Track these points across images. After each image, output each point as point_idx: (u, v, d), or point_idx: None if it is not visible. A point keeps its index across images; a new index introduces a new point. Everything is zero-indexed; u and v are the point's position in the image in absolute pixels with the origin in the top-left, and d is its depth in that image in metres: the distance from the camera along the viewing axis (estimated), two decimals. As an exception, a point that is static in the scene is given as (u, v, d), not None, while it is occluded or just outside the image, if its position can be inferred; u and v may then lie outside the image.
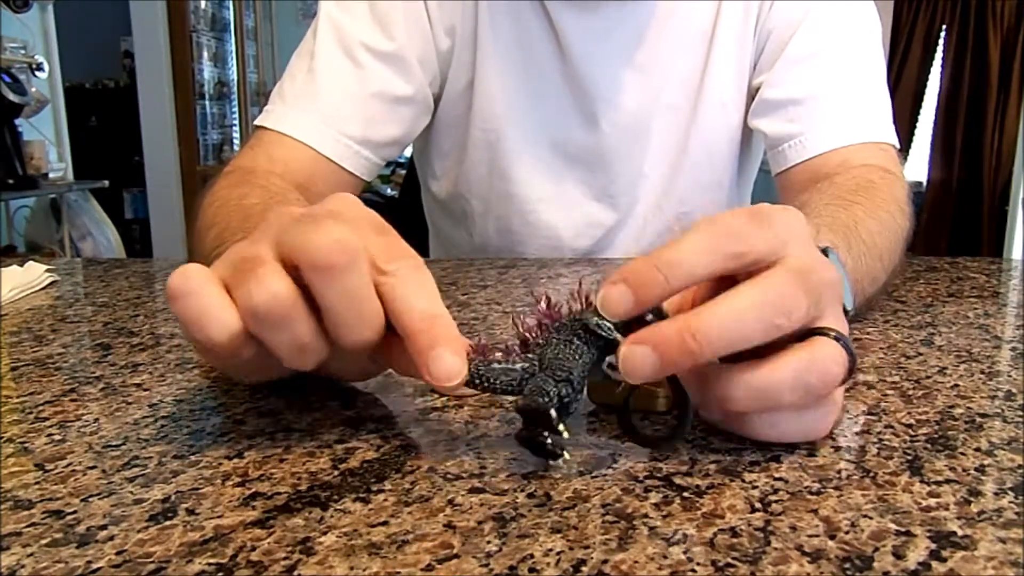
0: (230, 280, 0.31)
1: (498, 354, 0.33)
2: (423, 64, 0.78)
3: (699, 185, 0.86)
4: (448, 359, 0.31)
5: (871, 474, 0.32)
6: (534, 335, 0.33)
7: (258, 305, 0.30)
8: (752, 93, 0.81)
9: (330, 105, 0.73)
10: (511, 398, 0.33)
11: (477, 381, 0.32)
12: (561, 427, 0.31)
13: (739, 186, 0.91)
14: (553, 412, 0.31)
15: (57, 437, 0.36)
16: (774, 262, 0.31)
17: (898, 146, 0.75)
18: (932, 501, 0.29)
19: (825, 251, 0.40)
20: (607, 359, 0.33)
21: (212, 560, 0.26)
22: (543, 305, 0.33)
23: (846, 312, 0.38)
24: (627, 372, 0.30)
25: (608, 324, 0.31)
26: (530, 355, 0.32)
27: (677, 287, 0.31)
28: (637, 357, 0.30)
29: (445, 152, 0.88)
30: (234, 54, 4.67)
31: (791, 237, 0.32)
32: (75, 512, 0.29)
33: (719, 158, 0.85)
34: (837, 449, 0.34)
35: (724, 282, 0.32)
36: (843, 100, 0.76)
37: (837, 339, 0.32)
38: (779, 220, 0.33)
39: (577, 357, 0.32)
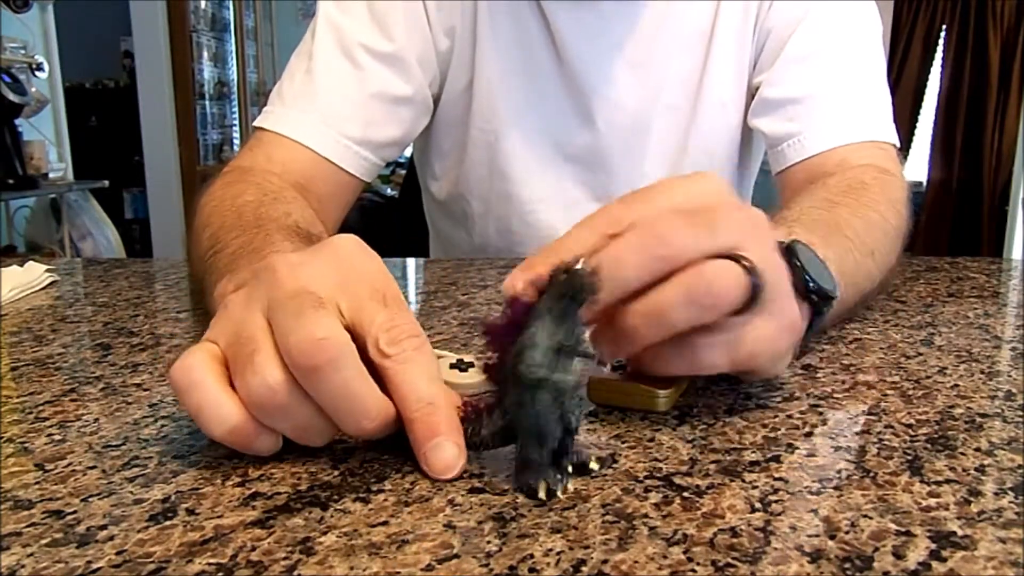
0: (232, 363, 0.32)
1: (485, 402, 0.32)
2: (422, 65, 0.78)
3: None
4: (444, 451, 0.31)
5: (871, 474, 0.32)
6: (499, 351, 0.31)
7: (257, 397, 0.31)
8: (752, 92, 0.81)
9: (329, 106, 0.73)
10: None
11: (474, 447, 0.33)
12: (560, 478, 0.30)
13: (739, 186, 0.91)
14: (543, 490, 0.30)
15: (57, 437, 0.36)
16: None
17: (898, 145, 0.75)
18: (932, 501, 0.29)
19: (791, 244, 0.41)
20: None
21: (212, 560, 0.26)
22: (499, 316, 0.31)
23: (829, 298, 0.40)
24: (507, 288, 0.32)
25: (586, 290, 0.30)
26: (507, 400, 0.31)
27: (607, 301, 0.33)
28: (516, 280, 0.32)
29: (445, 152, 0.88)
30: (234, 54, 4.67)
31: (737, 232, 0.34)
32: (75, 512, 0.29)
33: (719, 158, 0.85)
34: (837, 449, 0.34)
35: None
36: (843, 99, 0.75)
37: (740, 261, 0.33)
38: (725, 225, 0.34)
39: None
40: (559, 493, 0.30)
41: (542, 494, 0.30)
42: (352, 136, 0.73)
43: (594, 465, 0.32)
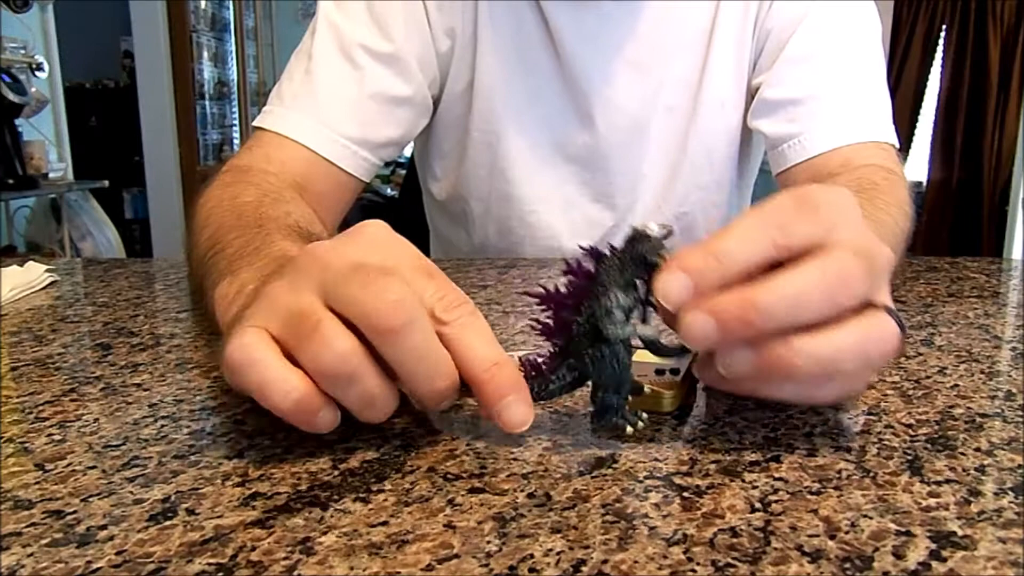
0: (290, 340, 0.31)
1: (540, 359, 0.36)
2: (422, 65, 0.78)
3: (698, 186, 0.85)
4: (517, 408, 0.33)
5: (871, 474, 0.32)
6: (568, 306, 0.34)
7: (327, 366, 0.31)
8: (752, 93, 0.81)
9: (328, 106, 0.73)
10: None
11: (542, 400, 0.35)
12: (623, 415, 0.34)
13: (739, 187, 0.91)
14: (629, 428, 0.34)
15: (57, 437, 0.36)
16: (823, 246, 0.32)
17: (898, 146, 0.75)
18: (932, 501, 0.29)
19: None
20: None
21: (212, 560, 0.26)
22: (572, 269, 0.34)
23: None
24: (687, 338, 0.31)
25: (658, 253, 0.33)
26: (576, 355, 0.35)
27: (732, 274, 0.31)
28: (698, 324, 0.31)
29: (445, 153, 0.88)
30: (234, 54, 4.67)
31: (838, 221, 0.33)
32: (75, 512, 0.29)
33: (718, 158, 0.85)
34: (837, 449, 0.34)
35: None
36: (843, 99, 0.75)
37: (889, 312, 0.33)
38: (825, 206, 0.33)
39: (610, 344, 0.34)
40: (641, 427, 0.34)
41: (630, 430, 0.34)
42: (351, 136, 0.73)
43: (641, 424, 0.35)
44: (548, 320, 0.35)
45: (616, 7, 0.78)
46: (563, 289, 0.34)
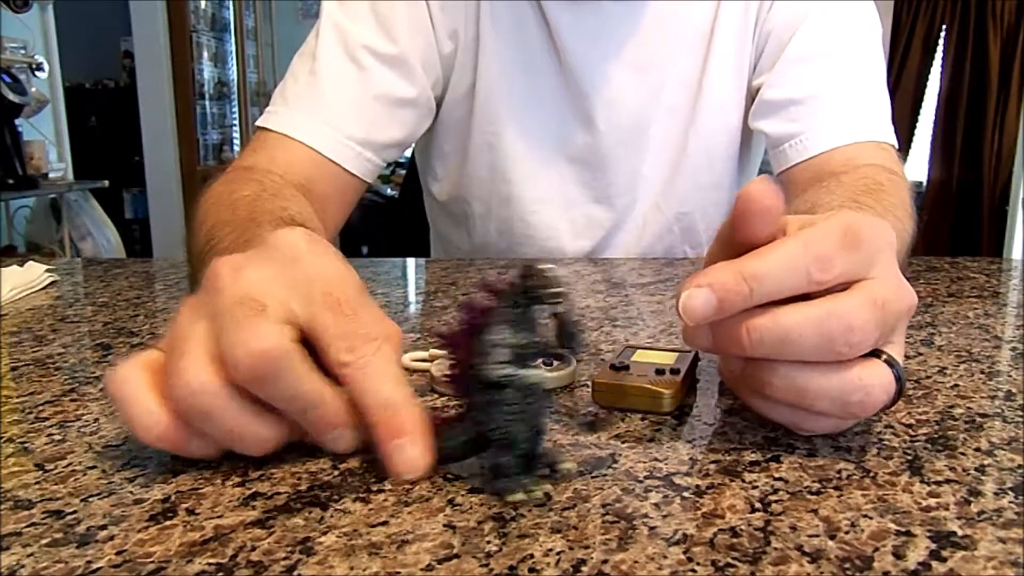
0: (165, 368, 0.31)
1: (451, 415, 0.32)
2: (426, 67, 0.78)
3: (699, 186, 0.86)
4: (407, 450, 0.31)
5: (871, 474, 0.32)
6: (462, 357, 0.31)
7: (179, 401, 0.30)
8: (752, 95, 0.81)
9: (332, 107, 0.73)
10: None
11: (446, 462, 0.32)
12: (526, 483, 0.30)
13: (739, 186, 0.91)
14: (518, 496, 0.30)
15: (57, 437, 0.36)
16: (852, 283, 0.32)
17: (897, 146, 0.76)
18: (932, 501, 0.29)
19: None
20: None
21: (212, 560, 0.26)
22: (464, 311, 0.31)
23: None
24: (686, 311, 0.31)
25: (551, 291, 0.29)
26: (473, 406, 0.31)
27: (759, 301, 0.31)
28: (700, 299, 0.31)
29: (446, 154, 0.88)
30: (234, 54, 4.67)
31: (878, 259, 0.32)
32: (75, 512, 0.29)
33: (719, 159, 0.85)
34: (837, 449, 0.34)
35: None
36: (845, 99, 0.76)
37: (890, 364, 0.32)
38: (868, 241, 0.32)
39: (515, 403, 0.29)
40: (539, 495, 0.29)
41: (518, 497, 0.29)
42: (355, 137, 0.73)
43: (568, 466, 0.31)
44: (453, 366, 0.31)
45: (617, 7, 0.78)
46: (460, 329, 0.30)
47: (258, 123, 0.75)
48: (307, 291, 0.32)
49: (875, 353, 0.32)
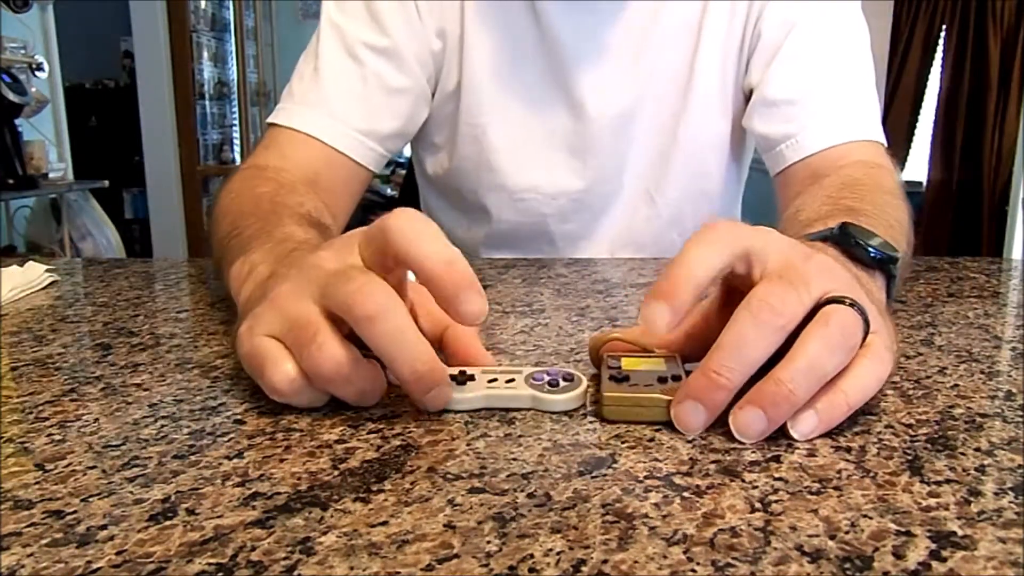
0: (292, 345, 0.36)
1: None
2: (419, 60, 0.81)
3: (689, 175, 0.88)
4: (477, 301, 0.35)
5: (871, 474, 0.32)
6: None
7: (325, 372, 0.35)
8: (746, 96, 0.83)
9: (336, 101, 0.78)
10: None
11: None
12: None
13: (735, 180, 0.93)
14: None
15: (57, 437, 0.36)
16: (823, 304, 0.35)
17: (887, 145, 0.78)
18: (932, 501, 0.29)
19: (842, 227, 0.45)
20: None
21: (212, 560, 0.26)
22: None
23: (894, 257, 0.45)
24: (686, 429, 0.35)
25: None
26: None
27: (742, 380, 0.34)
28: (690, 412, 0.35)
29: (438, 147, 0.91)
30: (234, 54, 4.67)
31: (823, 277, 0.36)
32: (75, 512, 0.29)
33: (709, 150, 0.87)
34: (837, 449, 0.34)
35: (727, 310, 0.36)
36: (837, 99, 0.78)
37: (840, 302, 0.35)
38: (813, 277, 0.36)
39: None
40: None
41: None
42: (359, 127, 0.78)
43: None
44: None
45: (608, 4, 0.81)
46: None
47: (269, 119, 0.80)
48: (353, 254, 0.38)
49: (825, 303, 0.35)
